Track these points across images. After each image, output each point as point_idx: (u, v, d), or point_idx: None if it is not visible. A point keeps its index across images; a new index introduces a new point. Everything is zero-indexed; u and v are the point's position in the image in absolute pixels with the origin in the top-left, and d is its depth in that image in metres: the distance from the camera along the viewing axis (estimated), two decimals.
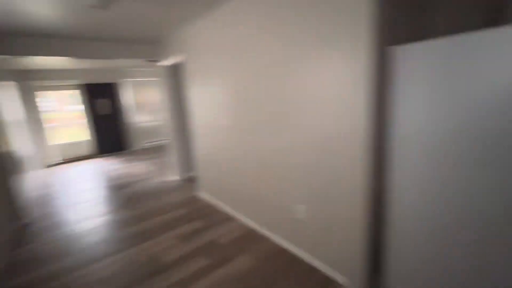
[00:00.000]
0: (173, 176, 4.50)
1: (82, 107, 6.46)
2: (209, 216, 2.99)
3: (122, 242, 2.55)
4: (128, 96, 6.93)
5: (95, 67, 6.08)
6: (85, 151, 6.66)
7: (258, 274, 1.98)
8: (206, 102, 3.01)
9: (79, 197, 3.88)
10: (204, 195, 3.55)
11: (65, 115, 6.77)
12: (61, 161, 6.25)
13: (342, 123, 1.58)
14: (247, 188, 2.62)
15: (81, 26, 2.69)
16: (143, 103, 7.26)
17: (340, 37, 1.47)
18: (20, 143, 4.24)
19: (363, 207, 1.57)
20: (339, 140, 1.62)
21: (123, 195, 3.81)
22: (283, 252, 2.22)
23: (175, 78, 4.08)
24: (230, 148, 2.75)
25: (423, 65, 1.26)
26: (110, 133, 6.70)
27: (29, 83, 5.63)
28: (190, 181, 4.22)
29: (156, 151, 6.79)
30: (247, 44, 2.17)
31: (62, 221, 3.11)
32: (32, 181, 4.37)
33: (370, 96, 1.41)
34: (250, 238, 2.47)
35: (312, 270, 1.98)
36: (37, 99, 5.78)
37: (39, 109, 5.83)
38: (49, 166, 5.97)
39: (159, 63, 3.97)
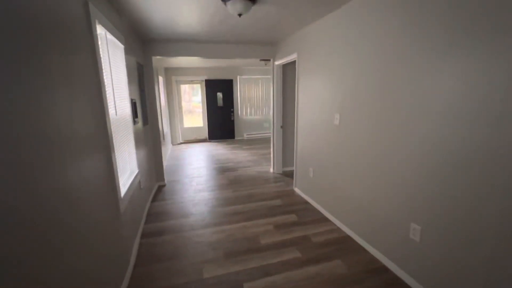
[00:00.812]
0: (270, 168, 4.80)
1: (202, 98, 7.78)
2: (303, 212, 3.04)
3: (226, 217, 2.95)
4: (239, 92, 7.80)
5: (216, 66, 7.15)
6: (199, 135, 8.01)
7: (353, 283, 1.88)
8: (313, 101, 3.04)
9: (196, 172, 4.71)
10: (299, 191, 3.62)
11: (188, 104, 8.32)
12: (182, 141, 7.73)
13: (485, 140, 1.26)
14: (348, 193, 2.50)
15: (214, 32, 3.22)
16: (250, 98, 8.02)
17: (502, 31, 1.17)
18: (164, 124, 5.51)
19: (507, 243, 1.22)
20: (478, 159, 1.30)
21: (228, 177, 4.36)
22: (384, 270, 2.01)
23: (283, 77, 4.30)
24: (334, 149, 2.68)
25: None
26: (220, 122, 7.77)
27: (170, 78, 7.21)
28: (286, 176, 4.39)
29: (256, 142, 7.39)
30: (364, 42, 2.05)
31: (184, 189, 3.87)
32: (165, 153, 5.62)
33: None
34: (344, 244, 2.37)
35: None
36: (174, 91, 7.33)
37: (175, 98, 7.38)
38: (174, 144, 7.50)
39: (272, 62, 4.27)
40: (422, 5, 1.60)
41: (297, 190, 3.69)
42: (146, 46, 3.66)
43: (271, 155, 4.62)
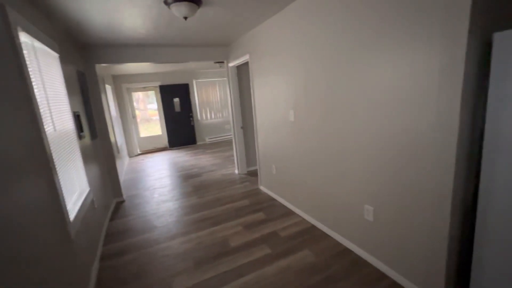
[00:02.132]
0: (235, 170, 4.79)
1: (157, 105, 7.44)
2: (270, 209, 3.10)
3: (193, 224, 2.87)
4: (196, 96, 7.63)
5: (170, 70, 6.89)
6: (159, 144, 7.64)
7: (321, 270, 1.99)
8: (269, 100, 3.12)
9: (157, 182, 4.48)
10: (265, 189, 3.69)
11: (144, 113, 7.89)
12: (140, 152, 7.29)
13: (424, 120, 1.45)
14: (309, 185, 2.63)
15: (161, 36, 3.11)
16: (208, 101, 7.90)
17: (424, 22, 1.35)
18: (117, 135, 5.12)
19: (447, 214, 1.42)
20: (419, 138, 1.49)
21: (192, 184, 4.24)
22: (347, 252, 2.16)
23: (239, 78, 4.33)
24: (292, 144, 2.79)
25: None
26: (180, 129, 7.50)
27: (120, 86, 6.74)
28: (251, 175, 4.43)
29: (219, 146, 7.30)
30: (309, 40, 2.18)
31: (145, 202, 3.66)
32: (122, 167, 5.23)
33: (463, 89, 1.26)
34: (310, 234, 2.48)
35: (380, 274, 1.88)
36: (125, 99, 6.87)
37: (127, 107, 6.91)
38: (132, 156, 7.03)
39: (226, 64, 4.27)
40: (357, 6, 1.75)
41: (262, 188, 3.75)
42: (87, 53, 3.36)
43: (235, 157, 4.62)
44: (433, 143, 1.42)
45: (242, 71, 4.34)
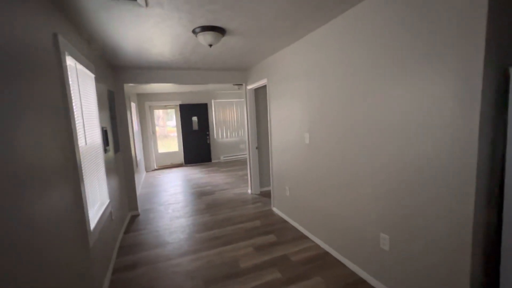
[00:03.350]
0: (248, 189, 4.80)
1: (176, 123, 7.75)
2: (282, 231, 3.06)
3: (204, 243, 2.87)
4: (214, 115, 7.89)
5: (190, 90, 7.25)
6: (175, 160, 7.85)
7: None
8: (285, 122, 3.20)
9: (172, 198, 4.56)
10: (277, 210, 3.65)
11: (163, 129, 8.22)
12: (156, 168, 7.50)
13: (441, 147, 1.45)
14: (322, 209, 2.59)
15: (185, 60, 3.34)
16: (225, 121, 8.13)
17: (441, 52, 1.40)
18: (137, 150, 5.35)
19: (468, 249, 1.36)
20: (436, 165, 1.48)
21: (205, 201, 4.28)
22: (361, 282, 2.07)
23: (256, 100, 4.49)
24: (307, 167, 2.81)
25: None
26: (196, 146, 7.71)
27: (143, 103, 7.14)
28: (264, 196, 4.42)
29: (233, 164, 7.39)
30: (325, 67, 2.27)
31: (159, 217, 3.72)
32: (139, 181, 5.40)
33: (483, 119, 1.27)
34: (323, 260, 2.41)
35: None
36: (147, 116, 7.23)
37: (148, 124, 7.25)
38: (148, 170, 7.25)
39: (244, 87, 4.45)
40: (372, 36, 1.84)
41: (275, 209, 3.72)
42: (117, 74, 3.66)
43: (248, 176, 4.65)
44: (451, 171, 1.41)
45: (260, 93, 4.51)
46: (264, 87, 4.33)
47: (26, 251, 1.03)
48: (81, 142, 1.86)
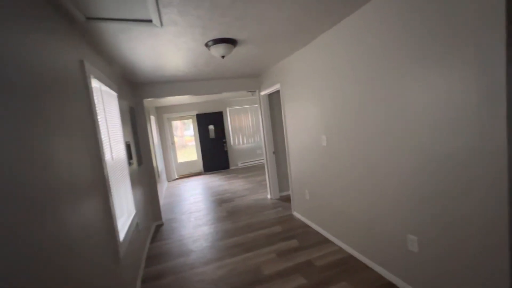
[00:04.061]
0: (267, 194, 4.80)
1: (194, 132, 7.95)
2: (304, 236, 3.02)
3: (227, 250, 2.90)
4: (229, 122, 8.02)
5: (205, 100, 7.43)
6: (194, 169, 8.02)
7: None
8: (300, 125, 3.19)
9: (193, 206, 4.67)
10: (298, 215, 3.62)
11: (181, 139, 8.45)
12: (177, 177, 7.70)
13: (467, 143, 1.39)
14: (344, 212, 2.54)
15: (199, 72, 3.45)
16: (240, 127, 8.23)
17: (460, 43, 1.36)
18: (158, 161, 5.55)
19: (506, 242, 1.28)
20: (464, 162, 1.42)
21: (226, 209, 4.34)
22: (390, 286, 2.00)
23: (270, 105, 4.52)
24: (325, 169, 2.77)
25: None
26: (214, 154, 7.85)
27: (162, 116, 7.41)
28: (283, 200, 4.40)
29: (251, 170, 7.43)
30: (339, 67, 2.25)
31: (182, 226, 3.82)
32: (161, 191, 5.57)
33: (509, 111, 1.20)
34: (348, 264, 2.35)
35: None
36: (165, 128, 7.48)
37: (167, 135, 7.50)
38: (170, 180, 7.46)
39: (258, 93, 4.51)
40: (386, 33, 1.82)
41: (295, 214, 3.69)
42: (136, 90, 3.85)
43: (267, 182, 4.66)
44: (481, 166, 1.34)
45: (273, 98, 4.53)
46: (278, 91, 4.35)
47: (63, 261, 1.10)
48: (107, 157, 1.97)
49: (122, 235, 2.04)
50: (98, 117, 1.86)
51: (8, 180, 0.83)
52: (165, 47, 2.30)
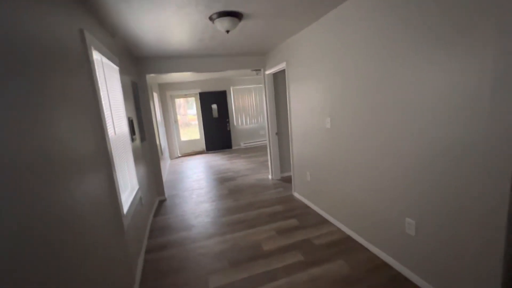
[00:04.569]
0: (269, 175, 4.85)
1: (197, 111, 7.89)
2: (304, 216, 3.08)
3: (228, 226, 2.98)
4: (233, 102, 7.92)
5: (209, 78, 7.29)
6: (197, 147, 8.07)
7: (356, 283, 1.92)
8: (305, 106, 3.14)
9: (196, 184, 4.75)
10: (298, 195, 3.67)
11: (184, 117, 8.41)
12: (180, 155, 7.77)
13: (475, 128, 1.35)
14: (345, 194, 2.56)
15: (204, 48, 3.34)
16: (244, 107, 8.14)
17: (477, 25, 1.27)
18: (161, 139, 5.57)
19: (503, 228, 1.29)
20: (469, 147, 1.39)
21: (228, 187, 4.41)
22: (386, 266, 2.06)
23: (275, 85, 4.42)
24: (328, 152, 2.76)
25: None
26: (217, 133, 7.85)
27: (165, 93, 7.32)
28: (285, 181, 4.45)
29: (253, 151, 7.46)
30: (348, 46, 2.16)
31: (184, 202, 3.90)
32: (164, 168, 5.65)
33: None
34: (346, 245, 2.41)
35: None
36: (169, 106, 7.42)
37: (170, 113, 7.46)
38: (172, 158, 7.53)
39: (263, 72, 4.39)
40: (400, 12, 1.71)
41: (296, 194, 3.74)
42: (139, 65, 3.76)
43: (269, 162, 4.68)
44: (487, 152, 1.31)
45: (278, 78, 4.43)
46: (283, 71, 4.23)
47: (69, 233, 1.14)
48: (110, 132, 1.96)
49: (125, 208, 2.09)
50: (100, 90, 1.82)
51: (17, 151, 0.82)
52: (169, 19, 2.21)
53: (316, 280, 1.98)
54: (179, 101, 8.14)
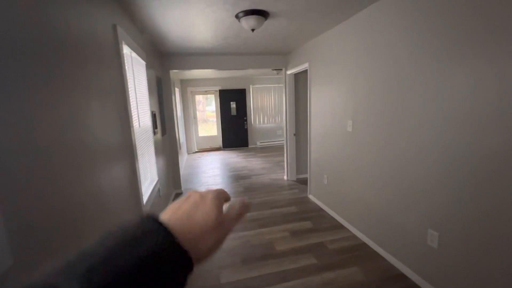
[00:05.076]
0: (284, 175, 4.83)
1: (215, 108, 7.99)
2: (319, 219, 3.04)
3: (242, 223, 3.00)
4: (251, 100, 7.95)
5: (229, 76, 7.36)
6: (213, 144, 8.18)
7: None
8: (326, 108, 3.08)
9: (211, 180, 4.82)
10: (314, 198, 3.63)
11: (202, 113, 8.55)
12: (197, 150, 7.92)
13: (508, 139, 1.27)
14: (363, 200, 2.50)
15: (228, 46, 3.37)
16: (262, 106, 8.14)
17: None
18: (180, 133, 5.70)
19: None
20: (501, 159, 1.30)
21: (243, 185, 4.43)
22: (402, 277, 1.99)
23: (296, 86, 4.38)
24: (348, 156, 2.70)
25: None
26: (234, 131, 7.92)
27: (186, 89, 7.48)
28: (300, 183, 4.41)
29: (269, 150, 7.45)
30: (373, 49, 2.09)
31: None
32: (182, 162, 5.78)
33: None
34: (361, 251, 2.35)
35: None
36: (189, 101, 7.58)
37: (190, 108, 7.62)
38: (190, 153, 7.69)
39: (284, 72, 4.37)
40: (431, 13, 1.64)
41: (311, 197, 3.70)
42: (164, 61, 3.87)
43: (285, 163, 4.66)
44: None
45: (300, 78, 4.38)
46: (304, 72, 4.18)
47: (96, 213, 1.19)
48: (135, 124, 2.04)
49: (145, 198, 2.16)
50: (128, 85, 1.90)
51: (53, 140, 0.88)
52: (195, 17, 2.25)
53: (329, 285, 1.95)
54: (199, 98, 8.28)
